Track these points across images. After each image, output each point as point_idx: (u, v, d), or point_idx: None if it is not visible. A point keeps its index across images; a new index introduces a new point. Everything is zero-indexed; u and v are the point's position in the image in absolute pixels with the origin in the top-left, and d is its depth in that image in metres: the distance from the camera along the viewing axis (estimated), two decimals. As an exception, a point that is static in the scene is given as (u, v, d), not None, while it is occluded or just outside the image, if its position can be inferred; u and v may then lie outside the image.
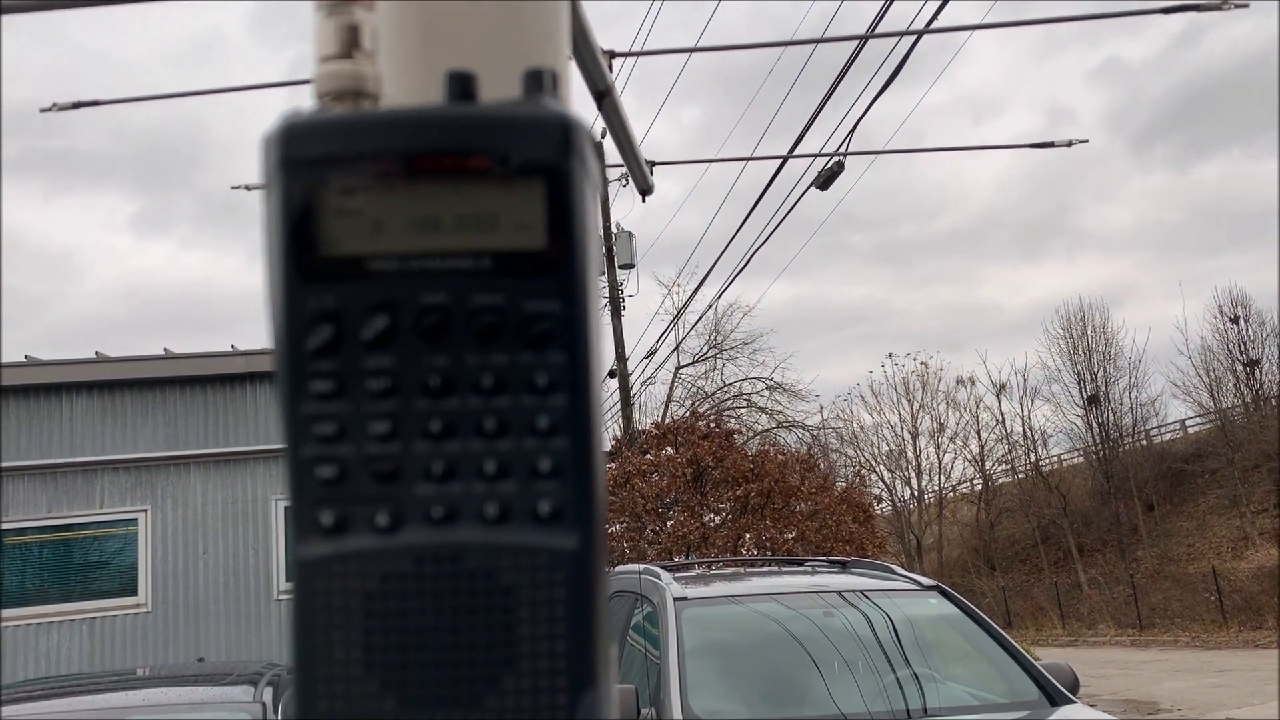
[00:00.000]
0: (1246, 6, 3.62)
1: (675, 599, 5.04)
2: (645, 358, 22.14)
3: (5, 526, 9.00)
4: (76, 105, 2.94)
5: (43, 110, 2.87)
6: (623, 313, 21.68)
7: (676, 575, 5.69)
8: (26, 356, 9.38)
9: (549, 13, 0.73)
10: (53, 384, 9.24)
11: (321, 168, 0.46)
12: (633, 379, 21.92)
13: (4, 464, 9.02)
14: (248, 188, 3.96)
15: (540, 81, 0.49)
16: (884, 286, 54.96)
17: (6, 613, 8.88)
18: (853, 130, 8.76)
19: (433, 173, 0.46)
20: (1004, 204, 55.60)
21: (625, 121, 1.15)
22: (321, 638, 0.44)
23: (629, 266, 22.23)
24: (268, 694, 4.32)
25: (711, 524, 16.81)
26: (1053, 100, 55.81)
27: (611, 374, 21.18)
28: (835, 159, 9.56)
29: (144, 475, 9.39)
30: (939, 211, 55.83)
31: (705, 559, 13.50)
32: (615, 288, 21.76)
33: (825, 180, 9.47)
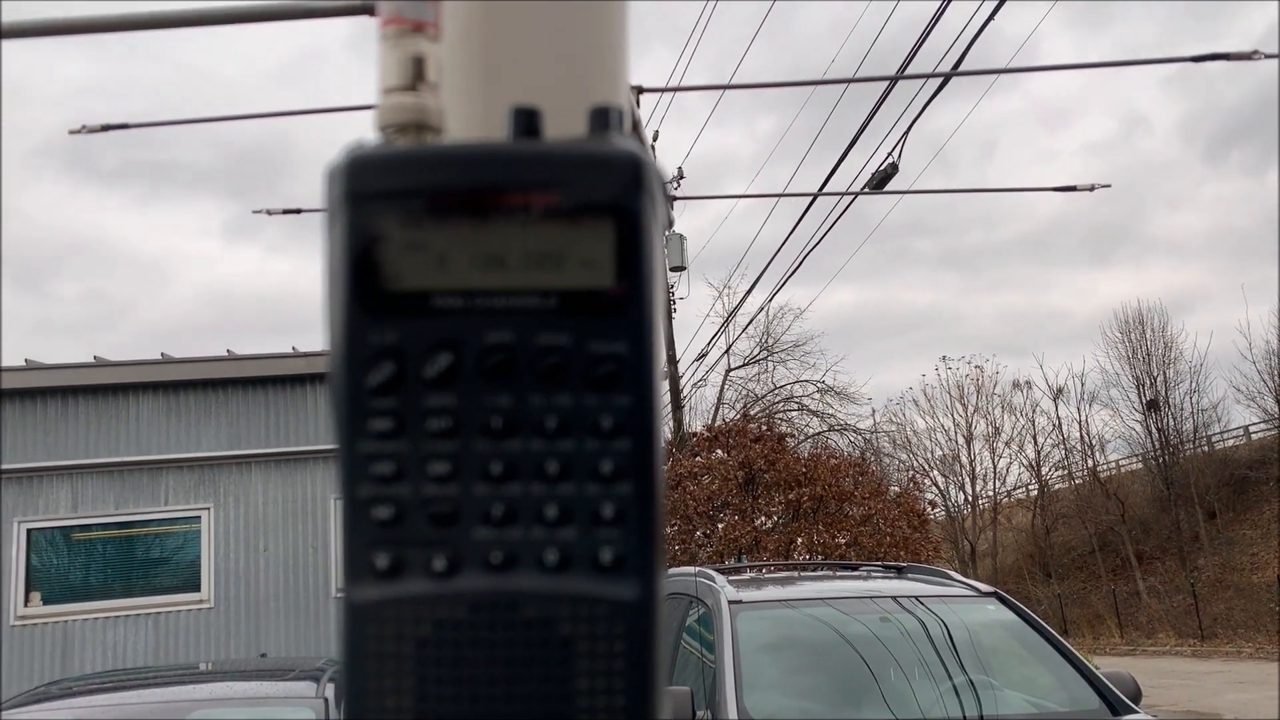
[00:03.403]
0: (1276, 58, 3.54)
1: (730, 602, 5.05)
2: (696, 360, 22.12)
3: (74, 523, 9.25)
4: (105, 128, 2.93)
5: (72, 132, 2.92)
6: (673, 315, 21.68)
7: (730, 579, 5.70)
8: (95, 357, 9.63)
9: (611, 49, 0.71)
10: (120, 384, 9.48)
11: (388, 202, 0.45)
12: (683, 381, 21.92)
13: (76, 462, 9.26)
14: (268, 212, 4.01)
15: (607, 119, 0.48)
16: (950, 292, 54.32)
17: (75, 606, 9.12)
18: (903, 139, 8.69)
19: (501, 209, 0.45)
20: (1074, 210, 54.70)
21: (651, 156, 1.18)
22: (373, 685, 0.43)
23: (680, 269, 22.22)
24: (329, 690, 4.40)
25: (763, 527, 16.76)
26: (1127, 107, 54.85)
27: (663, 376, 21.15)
28: (888, 162, 9.50)
29: (207, 474, 9.59)
30: (1008, 218, 55.05)
31: (758, 563, 13.47)
32: (666, 290, 21.74)
33: (880, 182, 9.41)
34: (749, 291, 22.59)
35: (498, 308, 0.45)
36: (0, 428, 9.01)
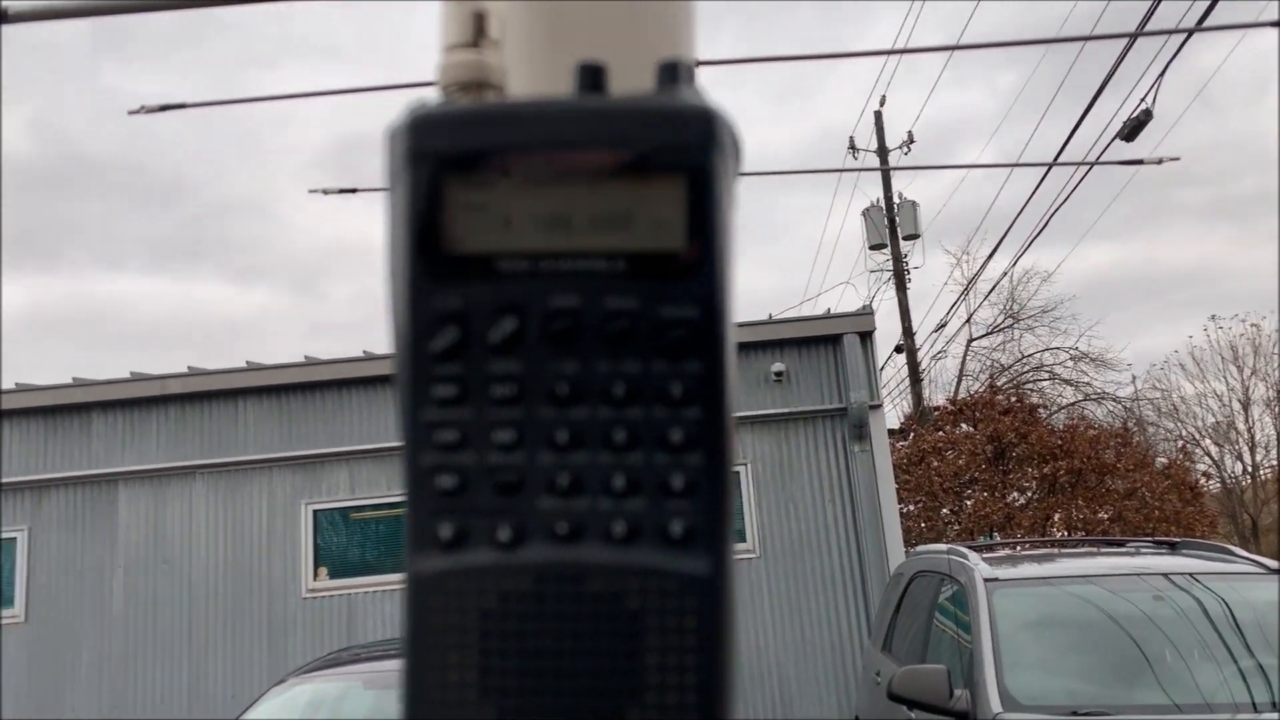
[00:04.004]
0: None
1: (985, 579, 4.88)
2: (934, 331, 21.37)
3: (352, 504, 10.10)
4: (164, 108, 2.91)
5: (131, 112, 2.90)
6: (908, 286, 21.06)
7: (984, 555, 5.51)
8: (365, 352, 10.44)
9: (678, 5, 0.69)
10: (387, 375, 10.20)
11: (451, 162, 0.43)
12: (920, 354, 21.26)
13: (352, 448, 10.09)
14: (324, 192, 4.00)
15: (676, 73, 0.45)
16: (1220, 245, 49.68)
17: (357, 580, 9.96)
18: (1157, 82, 8.05)
19: (567, 168, 0.43)
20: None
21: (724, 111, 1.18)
22: (436, 659, 0.42)
23: (914, 237, 21.52)
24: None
25: (1016, 503, 16.05)
26: None
27: (899, 349, 20.63)
28: (1141, 109, 8.84)
29: (465, 457, 10.19)
30: (1291, 159, 49.60)
31: (1011, 539, 12.91)
32: (899, 260, 21.16)
33: (1131, 131, 8.76)
34: (990, 256, 21.60)
35: (564, 271, 0.43)
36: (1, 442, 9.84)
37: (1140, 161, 3.91)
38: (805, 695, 9.36)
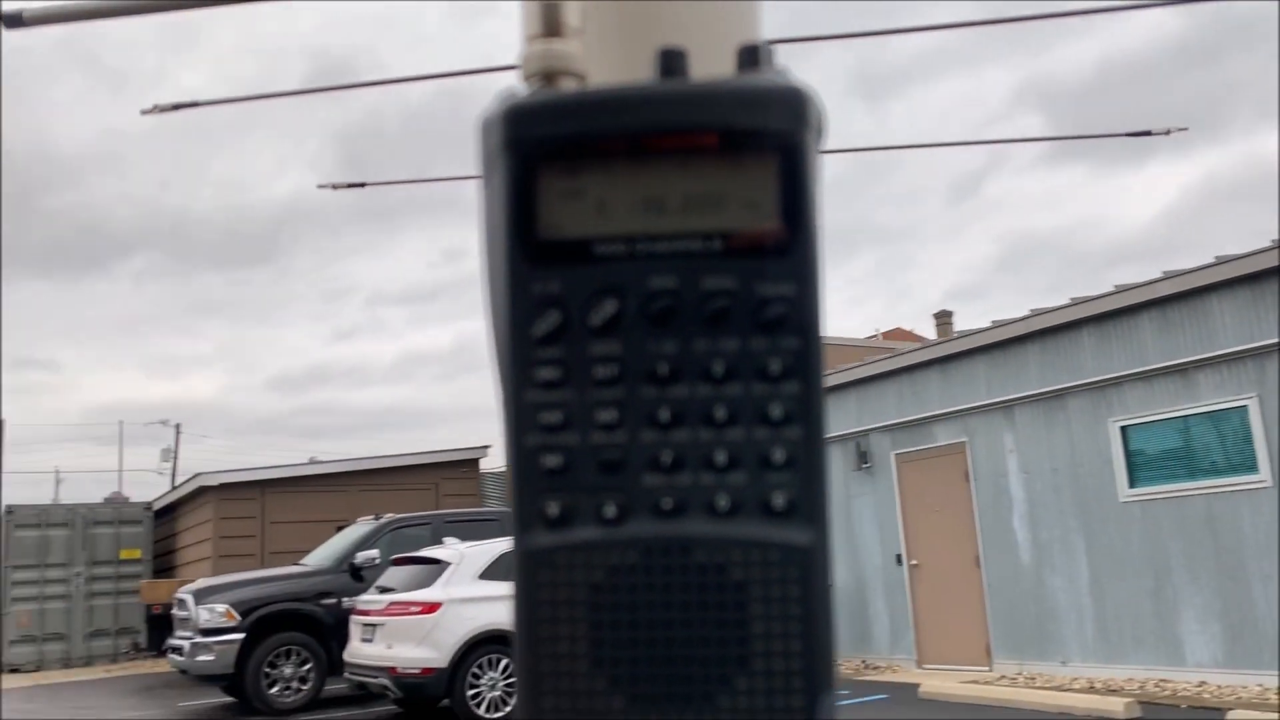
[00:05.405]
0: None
1: None
2: None
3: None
4: (176, 107, 2.87)
5: (144, 112, 2.89)
6: None
7: None
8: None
9: None
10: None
11: (547, 148, 0.44)
12: None
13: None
14: (334, 187, 3.67)
15: (757, 55, 0.46)
16: None
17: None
18: None
19: (661, 151, 0.44)
20: None
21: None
22: (547, 632, 0.44)
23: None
24: None
25: None
26: None
27: None
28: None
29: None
30: None
31: None
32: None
33: None
34: None
35: (660, 252, 0.44)
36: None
37: (1148, 133, 3.62)
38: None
